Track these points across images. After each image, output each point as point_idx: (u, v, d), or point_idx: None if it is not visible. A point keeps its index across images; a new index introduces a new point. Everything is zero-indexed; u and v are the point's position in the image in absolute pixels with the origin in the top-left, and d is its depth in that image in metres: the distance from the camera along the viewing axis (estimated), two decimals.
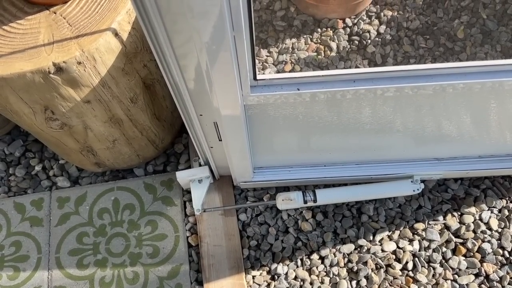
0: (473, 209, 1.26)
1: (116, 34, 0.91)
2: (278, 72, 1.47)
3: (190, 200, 1.32)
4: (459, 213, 1.26)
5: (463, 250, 1.21)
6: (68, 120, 1.02)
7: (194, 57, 0.76)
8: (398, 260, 1.21)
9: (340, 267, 1.21)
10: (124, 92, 1.03)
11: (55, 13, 0.92)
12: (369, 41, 1.50)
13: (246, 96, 0.84)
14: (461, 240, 1.23)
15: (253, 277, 1.22)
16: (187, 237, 1.28)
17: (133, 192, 1.34)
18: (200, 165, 1.28)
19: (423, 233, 1.24)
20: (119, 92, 1.02)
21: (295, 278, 1.21)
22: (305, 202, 1.20)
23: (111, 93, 1.00)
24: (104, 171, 1.37)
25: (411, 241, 1.23)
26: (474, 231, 1.23)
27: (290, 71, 1.47)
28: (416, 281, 1.19)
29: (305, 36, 1.52)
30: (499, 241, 1.22)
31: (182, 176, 1.25)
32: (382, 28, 1.52)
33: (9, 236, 1.30)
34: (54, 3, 0.93)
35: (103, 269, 1.25)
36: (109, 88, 0.98)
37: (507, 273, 1.18)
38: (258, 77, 0.81)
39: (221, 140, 1.04)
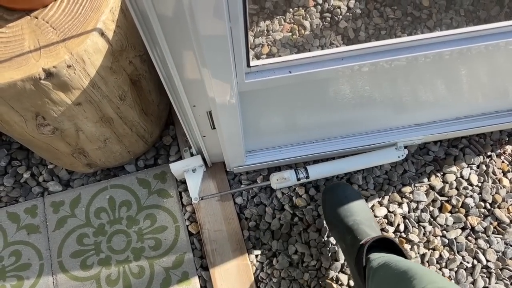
0: (454, 168, 1.34)
1: (102, 34, 0.91)
2: (256, 55, 1.49)
3: (185, 190, 1.34)
4: (442, 173, 1.34)
5: (449, 207, 1.29)
6: (60, 124, 1.02)
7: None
8: (390, 223, 1.28)
9: None
10: (113, 90, 1.03)
11: (36, 18, 0.91)
12: (340, 16, 1.54)
13: (241, 83, 0.86)
14: (446, 198, 1.31)
15: (256, 256, 1.26)
16: (187, 226, 1.31)
17: (127, 188, 1.35)
18: (192, 155, 1.30)
19: (411, 196, 1.31)
20: (108, 91, 1.02)
21: (295, 252, 1.26)
22: (298, 179, 1.25)
23: (101, 93, 1.00)
24: (95, 171, 1.37)
25: (400, 204, 1.30)
26: (457, 188, 1.32)
27: (267, 54, 1.49)
28: (409, 241, 1.26)
29: (278, 17, 1.55)
30: (480, 195, 1.31)
31: (176, 168, 1.26)
32: (352, 2, 1.56)
33: (7, 247, 1.29)
34: (35, 8, 0.91)
35: (107, 267, 1.26)
36: (99, 88, 0.98)
37: (490, 223, 1.27)
38: (251, 63, 0.84)
39: (214, 129, 1.07)
